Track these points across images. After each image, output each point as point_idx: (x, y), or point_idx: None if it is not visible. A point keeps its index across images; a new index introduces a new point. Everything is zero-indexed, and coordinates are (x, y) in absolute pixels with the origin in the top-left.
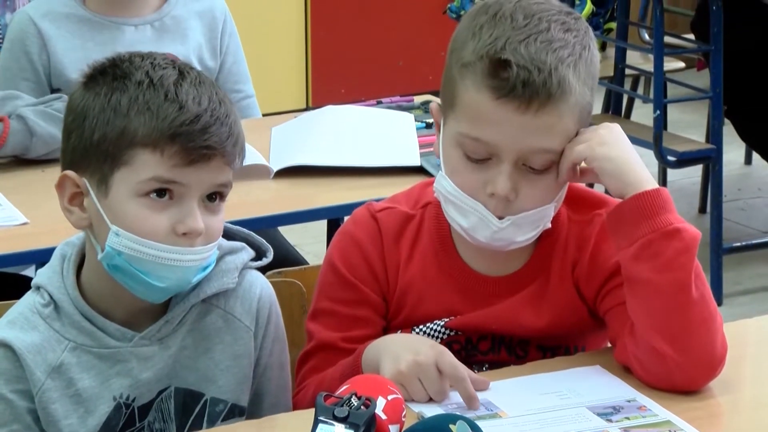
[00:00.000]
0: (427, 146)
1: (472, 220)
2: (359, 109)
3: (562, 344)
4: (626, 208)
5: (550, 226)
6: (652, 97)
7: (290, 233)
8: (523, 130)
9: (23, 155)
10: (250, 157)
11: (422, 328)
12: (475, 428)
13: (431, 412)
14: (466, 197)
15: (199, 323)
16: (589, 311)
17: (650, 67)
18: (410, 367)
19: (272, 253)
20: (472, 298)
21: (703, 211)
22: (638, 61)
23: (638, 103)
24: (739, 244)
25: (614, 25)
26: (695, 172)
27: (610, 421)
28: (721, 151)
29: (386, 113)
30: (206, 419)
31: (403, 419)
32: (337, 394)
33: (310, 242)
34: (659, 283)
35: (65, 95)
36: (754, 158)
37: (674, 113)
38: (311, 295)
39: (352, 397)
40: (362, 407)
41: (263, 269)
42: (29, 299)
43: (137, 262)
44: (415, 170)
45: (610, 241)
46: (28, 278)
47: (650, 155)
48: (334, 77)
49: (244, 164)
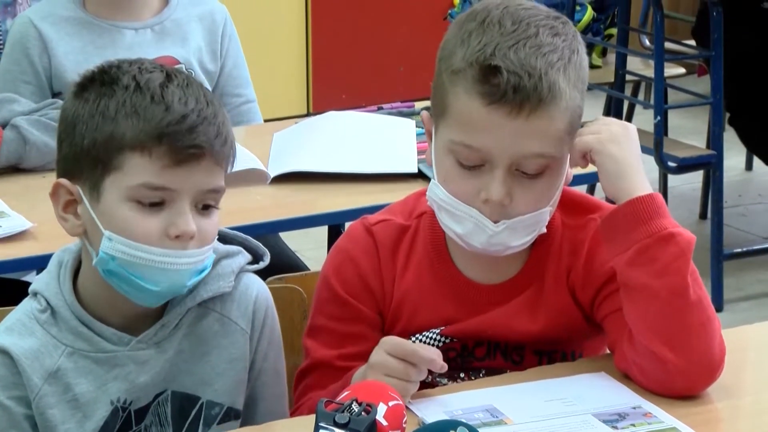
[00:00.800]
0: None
1: (467, 226)
2: (360, 115)
3: (558, 349)
4: (620, 214)
5: (545, 230)
6: (652, 103)
7: (291, 239)
8: (515, 135)
9: (18, 164)
10: (246, 161)
11: (418, 336)
12: None
13: (433, 417)
14: (460, 204)
15: (195, 327)
16: (584, 316)
17: (651, 73)
18: (372, 375)
19: (269, 256)
20: (467, 306)
21: (703, 217)
22: (639, 66)
23: (639, 109)
24: (739, 249)
25: (615, 30)
26: (696, 177)
27: (615, 428)
28: (721, 156)
29: (387, 119)
30: (202, 422)
31: (404, 425)
32: (337, 400)
33: (310, 248)
34: (656, 287)
35: (60, 101)
36: (754, 164)
37: (675, 119)
38: (311, 300)
39: (352, 403)
40: (363, 413)
41: (264, 275)
42: (26, 305)
43: (131, 266)
44: (415, 176)
45: (604, 247)
46: (28, 284)
47: (651, 161)
48: (334, 83)
49: (240, 169)
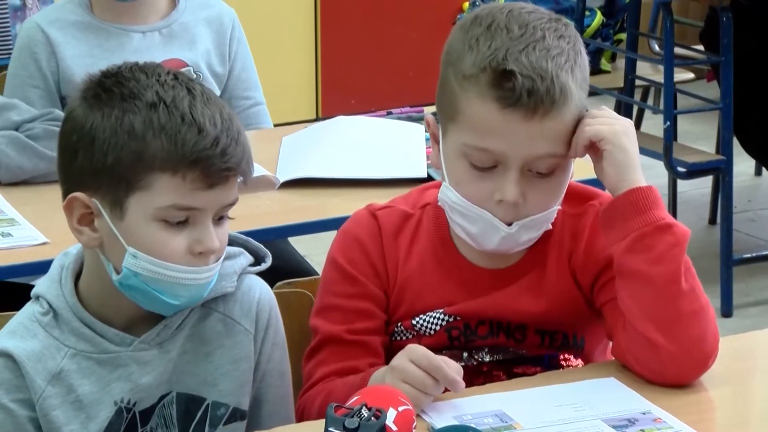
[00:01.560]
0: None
1: (480, 227)
2: (369, 119)
3: (560, 330)
4: (619, 203)
5: (551, 227)
6: (662, 108)
7: (300, 244)
8: (529, 137)
9: None
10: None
11: (422, 317)
12: None
13: (442, 422)
14: (472, 206)
15: (198, 327)
16: (586, 300)
17: (660, 78)
18: (391, 377)
19: (270, 258)
20: (470, 290)
21: (713, 222)
22: (648, 72)
23: (648, 114)
24: (749, 255)
25: (624, 36)
26: (705, 183)
27: None
28: (731, 162)
29: (396, 124)
30: (208, 423)
31: (413, 430)
32: (347, 405)
33: (319, 253)
34: (651, 274)
35: (58, 111)
36: (764, 170)
37: (684, 124)
38: (315, 300)
39: (362, 408)
40: (372, 418)
41: (272, 279)
42: (29, 309)
43: (154, 282)
44: (424, 180)
45: (602, 234)
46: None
47: (660, 166)
48: (344, 88)
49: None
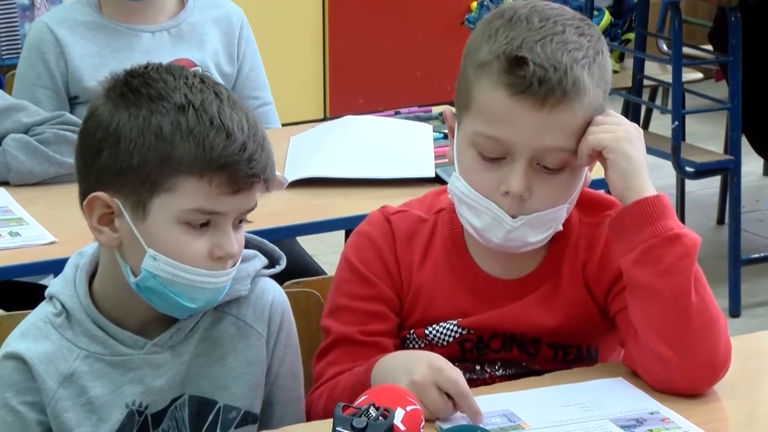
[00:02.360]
0: (444, 157)
1: (485, 220)
2: (377, 119)
3: (574, 343)
4: (627, 214)
5: (561, 228)
6: (670, 107)
7: (307, 243)
8: (537, 127)
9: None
10: None
11: (435, 327)
12: None
13: (450, 422)
14: (479, 197)
15: (211, 331)
16: (600, 311)
17: (668, 77)
18: (408, 389)
19: (285, 260)
20: (484, 300)
21: (721, 222)
22: (656, 71)
23: (656, 113)
24: (757, 255)
25: (632, 35)
26: (713, 183)
27: None
28: (739, 162)
29: (404, 124)
30: (220, 427)
31: (421, 430)
32: (355, 404)
33: (327, 252)
34: (659, 287)
35: (67, 114)
36: None
37: (692, 124)
38: (327, 300)
39: (370, 407)
40: (380, 418)
41: (280, 279)
42: (42, 309)
43: (172, 285)
44: (432, 180)
45: (612, 245)
46: (45, 287)
47: (668, 166)
48: (352, 87)
49: None
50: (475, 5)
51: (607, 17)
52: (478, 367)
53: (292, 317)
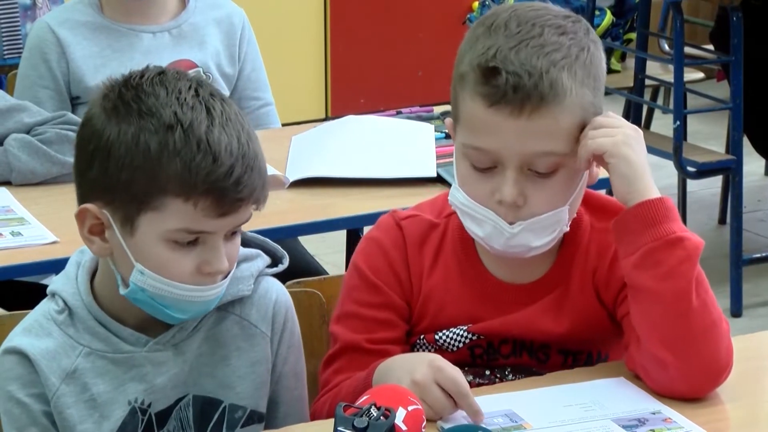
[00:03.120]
0: (446, 156)
1: (486, 228)
2: (379, 119)
3: (584, 349)
4: (630, 216)
5: (567, 229)
6: (671, 107)
7: (309, 243)
8: (520, 135)
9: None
10: None
11: (445, 332)
12: None
13: (452, 422)
14: (477, 206)
15: (214, 330)
16: (609, 317)
17: (670, 77)
18: (410, 389)
19: (288, 259)
20: (494, 305)
21: (722, 222)
22: (658, 71)
23: (658, 113)
24: (758, 255)
25: (634, 35)
26: (715, 183)
27: None
28: (741, 162)
29: (405, 124)
30: (225, 426)
31: (423, 430)
32: (356, 404)
33: (329, 252)
34: (660, 291)
35: (69, 114)
36: None
37: (694, 124)
38: (331, 305)
39: (371, 407)
40: (382, 418)
41: (282, 279)
42: (44, 306)
43: (160, 298)
44: (434, 180)
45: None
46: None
47: (670, 166)
48: (353, 87)
49: None
50: (476, 5)
51: (608, 17)
52: (488, 372)
53: (295, 316)
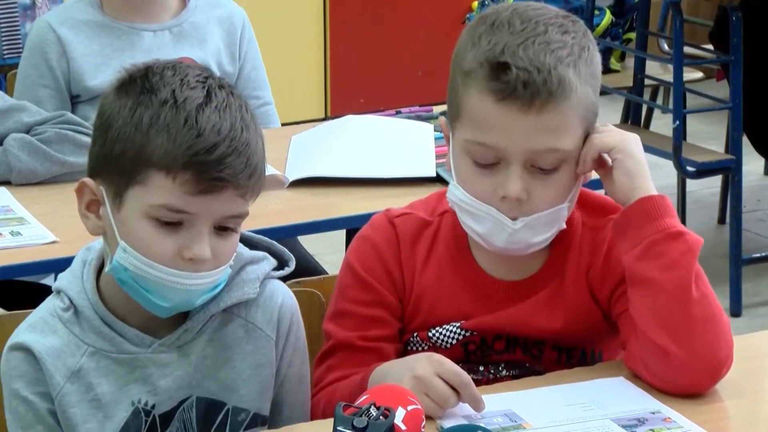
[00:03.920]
0: (445, 156)
1: (487, 225)
2: (378, 119)
3: (577, 346)
4: (632, 212)
5: (564, 226)
6: (671, 107)
7: (309, 243)
8: (527, 130)
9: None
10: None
11: (438, 329)
12: None
13: (451, 422)
14: (478, 203)
15: (219, 332)
16: (603, 314)
17: (670, 77)
18: (412, 385)
19: (294, 262)
20: (487, 302)
21: (722, 221)
22: (657, 71)
23: (657, 113)
24: (758, 255)
25: (634, 35)
26: (714, 182)
27: None
28: (740, 161)
29: (405, 123)
30: (228, 428)
31: (422, 430)
32: (356, 404)
33: (328, 252)
34: (662, 281)
35: (69, 114)
36: None
37: (693, 123)
38: (329, 303)
39: (371, 407)
40: (381, 417)
41: (282, 278)
42: (49, 303)
43: (141, 279)
44: (433, 180)
45: (615, 244)
46: (46, 287)
47: (669, 165)
48: (352, 87)
49: None
50: (476, 4)
51: (608, 17)
52: (482, 368)
53: (300, 319)
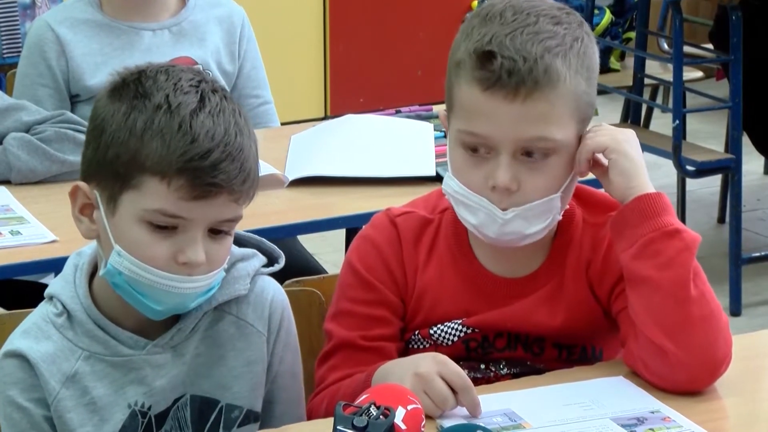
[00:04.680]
0: (445, 155)
1: (479, 216)
2: (378, 118)
3: (578, 343)
4: (628, 211)
5: (560, 218)
6: (671, 106)
7: (308, 242)
8: (514, 119)
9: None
10: (262, 168)
11: (440, 327)
12: None
13: (451, 421)
14: (471, 194)
15: (211, 330)
16: (603, 312)
17: (669, 76)
18: (413, 382)
19: (284, 258)
20: (488, 299)
21: (722, 221)
22: (657, 70)
23: (657, 112)
24: (758, 254)
25: (633, 34)
26: (714, 182)
27: None
28: (740, 161)
29: (405, 123)
30: (222, 426)
31: (422, 429)
32: (356, 403)
33: (328, 251)
34: (659, 279)
35: (68, 113)
36: None
37: (693, 123)
38: (330, 304)
39: (371, 406)
40: (381, 417)
41: (281, 278)
42: (42, 309)
43: (136, 283)
44: (433, 179)
45: (613, 242)
46: (46, 286)
47: (669, 165)
48: (352, 86)
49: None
50: (476, 4)
51: (608, 16)
52: (483, 366)
53: (291, 315)
